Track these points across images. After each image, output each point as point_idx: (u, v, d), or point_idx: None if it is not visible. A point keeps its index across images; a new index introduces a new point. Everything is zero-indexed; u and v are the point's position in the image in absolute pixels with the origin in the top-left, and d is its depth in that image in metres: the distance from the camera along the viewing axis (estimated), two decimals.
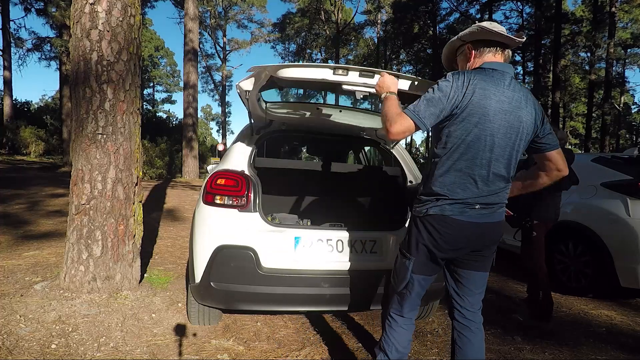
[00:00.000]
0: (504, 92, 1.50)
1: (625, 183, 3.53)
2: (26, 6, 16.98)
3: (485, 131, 1.48)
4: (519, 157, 1.59)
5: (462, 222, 1.52)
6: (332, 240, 2.32)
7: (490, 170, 1.51)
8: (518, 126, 1.52)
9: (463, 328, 1.70)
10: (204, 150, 23.45)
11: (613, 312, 3.33)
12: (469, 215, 1.53)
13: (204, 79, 37.03)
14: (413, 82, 1.97)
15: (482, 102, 1.46)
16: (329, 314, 2.92)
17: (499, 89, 1.49)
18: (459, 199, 1.51)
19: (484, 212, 1.55)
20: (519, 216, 3.07)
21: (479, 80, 1.48)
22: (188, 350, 2.25)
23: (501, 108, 1.48)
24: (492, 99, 1.47)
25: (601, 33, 20.75)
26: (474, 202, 1.52)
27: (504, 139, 1.50)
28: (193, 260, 2.29)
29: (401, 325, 1.70)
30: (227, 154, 2.74)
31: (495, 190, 1.55)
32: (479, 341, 1.68)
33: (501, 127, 1.49)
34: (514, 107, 1.51)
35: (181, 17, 24.22)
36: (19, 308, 2.49)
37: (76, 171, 2.81)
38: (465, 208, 1.52)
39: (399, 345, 1.69)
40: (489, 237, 1.61)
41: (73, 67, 2.86)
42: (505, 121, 1.49)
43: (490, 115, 1.47)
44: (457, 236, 1.55)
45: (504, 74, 1.53)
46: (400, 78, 1.92)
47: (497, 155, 1.51)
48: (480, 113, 1.47)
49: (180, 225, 5.96)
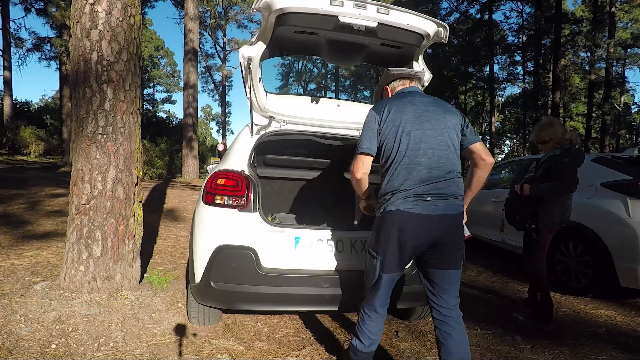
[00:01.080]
0: (417, 99, 1.86)
1: (625, 183, 3.53)
2: (26, 6, 16.99)
3: (409, 129, 1.76)
4: (455, 150, 1.81)
5: (416, 215, 1.69)
6: (332, 240, 2.32)
7: (429, 159, 1.73)
8: (439, 120, 1.80)
9: (442, 324, 1.81)
10: (204, 150, 23.47)
11: (613, 312, 3.33)
12: (422, 208, 1.69)
13: (204, 79, 37.03)
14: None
15: (399, 113, 1.79)
16: (329, 314, 2.92)
17: (411, 99, 1.86)
18: (409, 191, 1.70)
19: (438, 203, 1.70)
20: (522, 218, 3.06)
21: (393, 100, 1.88)
22: (188, 350, 2.25)
23: (418, 109, 1.81)
24: (409, 107, 1.81)
25: (601, 33, 20.73)
26: (424, 194, 1.69)
27: (432, 130, 1.77)
28: (193, 260, 2.29)
29: (373, 319, 1.86)
30: (227, 154, 2.74)
31: (440, 178, 1.71)
32: (459, 335, 1.78)
33: (425, 121, 1.78)
34: (429, 105, 1.84)
35: (181, 17, 24.22)
36: (19, 308, 2.49)
37: (76, 171, 2.81)
38: (417, 201, 1.69)
39: (370, 334, 1.87)
40: (446, 230, 1.73)
41: (73, 67, 2.86)
42: (427, 118, 1.79)
43: (410, 117, 1.78)
44: (415, 229, 1.70)
45: (413, 93, 1.93)
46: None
47: (431, 145, 1.74)
48: (400, 118, 1.78)
49: (180, 225, 5.96)
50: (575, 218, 3.73)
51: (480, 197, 5.77)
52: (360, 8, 2.19)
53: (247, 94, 2.78)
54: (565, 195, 2.89)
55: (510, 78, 29.68)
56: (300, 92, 33.98)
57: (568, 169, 2.79)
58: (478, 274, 4.43)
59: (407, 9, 2.33)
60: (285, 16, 2.25)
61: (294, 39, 2.54)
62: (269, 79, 2.97)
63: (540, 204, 2.93)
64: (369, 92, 5.87)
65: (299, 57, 31.53)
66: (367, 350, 1.88)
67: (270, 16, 2.27)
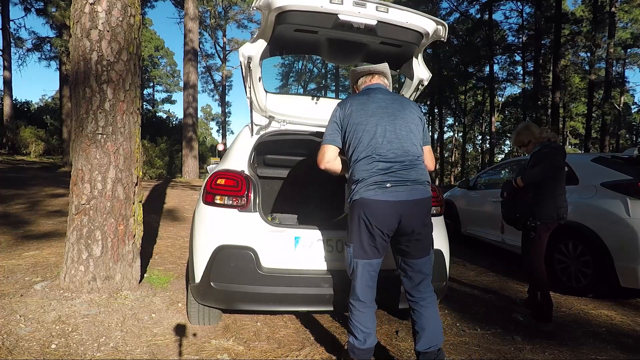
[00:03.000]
0: (378, 96, 1.99)
1: (625, 183, 3.53)
2: (26, 6, 17.02)
3: (370, 124, 1.89)
4: (414, 137, 1.93)
5: (378, 201, 1.79)
6: (332, 240, 2.32)
7: (388, 150, 1.85)
8: (397, 115, 1.93)
9: (415, 304, 1.95)
10: (204, 150, 23.47)
11: (613, 312, 3.33)
12: (383, 194, 1.80)
13: (204, 79, 37.02)
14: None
15: (361, 107, 1.94)
16: (329, 314, 2.92)
17: (372, 96, 1.99)
18: (368, 179, 1.81)
19: (398, 189, 1.81)
20: (521, 217, 3.06)
21: (356, 97, 2.02)
22: (188, 350, 2.25)
23: (379, 105, 1.94)
24: (369, 104, 1.95)
25: (601, 33, 20.73)
26: (383, 181, 1.80)
27: (390, 124, 1.90)
28: (193, 260, 2.29)
29: (359, 309, 1.91)
30: (227, 154, 2.74)
31: (399, 166, 1.83)
32: (430, 312, 1.92)
33: (384, 116, 1.91)
34: (389, 102, 1.97)
35: (181, 17, 24.22)
36: (19, 308, 2.49)
37: (76, 171, 2.80)
38: (377, 188, 1.80)
39: (362, 327, 1.89)
40: (411, 215, 1.83)
41: (73, 67, 2.86)
42: (386, 113, 1.92)
43: (370, 113, 1.92)
44: (378, 216, 1.80)
45: (375, 90, 2.05)
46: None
47: (389, 139, 1.87)
48: (361, 114, 1.92)
49: (180, 225, 5.96)
50: (575, 218, 3.73)
51: (480, 197, 5.83)
52: (359, 6, 2.19)
53: (247, 94, 2.78)
54: (557, 191, 2.92)
55: (510, 78, 29.70)
56: (300, 92, 33.96)
57: (549, 153, 2.90)
58: (478, 274, 4.42)
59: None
60: (285, 14, 2.25)
61: (294, 37, 2.55)
62: (269, 78, 2.98)
63: (535, 201, 2.95)
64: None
65: (299, 57, 31.52)
66: (365, 347, 1.89)
67: (270, 14, 2.27)
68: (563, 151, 3.02)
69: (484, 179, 6.22)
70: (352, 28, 2.30)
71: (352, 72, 2.20)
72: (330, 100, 3.10)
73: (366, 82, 2.14)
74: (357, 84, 2.19)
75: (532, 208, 2.97)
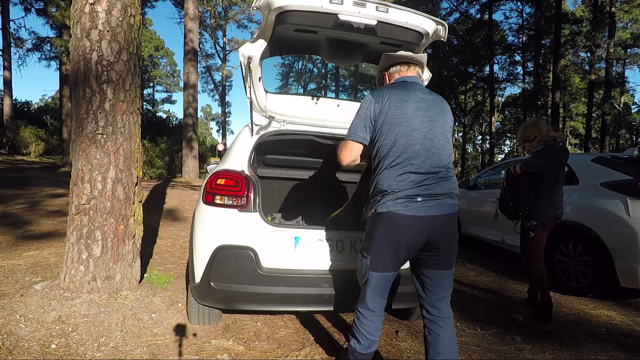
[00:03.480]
0: (418, 95, 1.78)
1: (625, 183, 3.53)
2: (26, 6, 17.02)
3: (408, 128, 1.71)
4: (449, 147, 1.78)
5: (407, 216, 1.65)
6: (332, 240, 2.32)
7: (423, 161, 1.69)
8: (437, 121, 1.76)
9: (431, 324, 1.80)
10: (204, 150, 23.46)
11: (613, 312, 3.33)
12: (413, 209, 1.65)
13: (204, 79, 37.02)
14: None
15: (399, 105, 1.73)
16: (329, 314, 2.92)
17: (412, 93, 1.77)
18: (398, 192, 1.66)
19: (428, 204, 1.66)
20: (515, 207, 3.07)
21: (394, 90, 1.78)
22: (188, 350, 2.25)
23: (419, 106, 1.74)
24: (409, 102, 1.74)
25: (601, 33, 20.72)
26: (414, 195, 1.65)
27: (429, 131, 1.72)
28: (193, 260, 2.29)
29: (367, 317, 1.81)
30: (227, 154, 2.74)
31: (434, 179, 1.68)
32: (447, 335, 1.77)
33: (424, 120, 1.73)
34: (430, 104, 1.78)
35: (181, 17, 24.22)
36: (19, 308, 2.49)
37: (76, 171, 2.80)
38: (408, 202, 1.65)
39: (368, 334, 1.80)
40: (440, 230, 1.70)
41: (73, 67, 2.86)
42: (426, 117, 1.74)
43: (410, 114, 1.72)
44: (405, 231, 1.67)
45: (413, 85, 1.83)
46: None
47: (427, 147, 1.70)
48: (400, 114, 1.72)
49: (180, 225, 5.96)
50: (575, 218, 3.74)
51: (480, 197, 5.83)
52: (359, 6, 2.19)
53: (247, 94, 2.78)
54: (556, 192, 2.93)
55: (510, 78, 29.67)
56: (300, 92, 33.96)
57: (551, 153, 2.89)
58: (478, 274, 4.43)
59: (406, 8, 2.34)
60: (285, 14, 2.25)
61: (294, 37, 2.55)
62: (269, 78, 2.98)
63: (533, 200, 2.95)
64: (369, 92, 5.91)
65: (299, 57, 31.53)
66: (366, 352, 1.83)
67: (270, 14, 2.27)
68: (566, 152, 3.02)
69: (484, 179, 6.22)
70: (352, 28, 2.30)
71: (386, 56, 1.95)
72: (330, 100, 3.10)
73: (402, 73, 1.91)
74: (390, 72, 1.96)
75: (529, 206, 2.98)
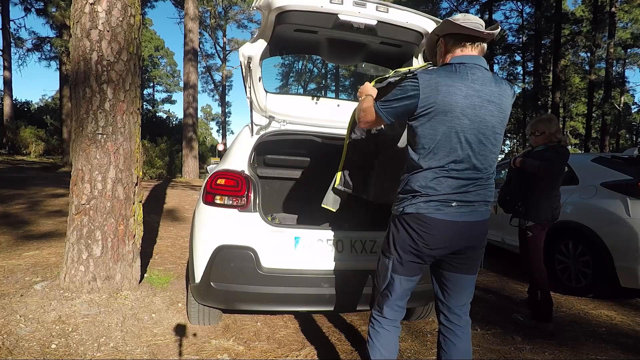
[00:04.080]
0: (472, 87, 1.47)
1: (625, 183, 3.53)
2: (26, 6, 17.00)
3: (454, 127, 1.46)
4: (497, 150, 1.56)
5: (439, 220, 1.49)
6: (332, 240, 2.32)
7: (464, 166, 1.49)
8: (490, 119, 1.50)
9: (448, 332, 1.68)
10: (204, 150, 23.44)
11: (613, 312, 3.33)
12: (446, 214, 1.49)
13: (204, 79, 37.02)
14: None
15: (448, 99, 1.44)
16: (329, 314, 2.92)
17: (466, 83, 1.46)
18: (433, 196, 1.48)
19: (462, 210, 1.50)
20: (511, 200, 3.08)
21: (444, 77, 1.47)
22: (188, 350, 2.25)
23: (470, 103, 1.46)
24: (458, 95, 1.45)
25: (601, 33, 20.72)
26: (449, 200, 1.48)
27: (476, 134, 1.48)
28: (193, 260, 2.29)
29: (384, 326, 1.65)
30: (227, 154, 2.75)
31: (473, 187, 1.50)
32: (464, 345, 1.67)
33: (472, 122, 1.47)
34: (485, 100, 1.48)
35: (181, 17, 24.22)
36: (19, 308, 2.49)
37: (76, 171, 2.80)
38: (441, 206, 1.48)
39: (383, 350, 1.62)
40: (471, 237, 1.56)
41: (73, 67, 2.86)
42: (476, 116, 1.47)
43: (457, 112, 1.45)
44: (435, 235, 1.50)
45: (473, 67, 1.50)
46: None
47: (472, 151, 1.48)
48: (447, 110, 1.45)
49: (180, 225, 5.96)
50: (575, 218, 3.74)
51: None
52: (359, 6, 2.19)
53: (247, 94, 2.78)
54: (553, 193, 2.93)
55: (510, 78, 29.68)
56: (300, 92, 34.00)
57: (550, 157, 2.89)
58: (478, 274, 4.41)
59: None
60: (285, 14, 2.25)
61: (294, 37, 2.55)
62: (269, 78, 2.98)
63: (530, 200, 2.96)
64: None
65: (299, 57, 31.55)
66: None
67: (270, 14, 2.27)
68: (566, 155, 3.01)
69: None
70: (352, 28, 2.31)
71: (447, 24, 1.56)
72: (330, 100, 3.10)
73: (462, 53, 1.55)
74: (448, 46, 1.58)
75: (525, 206, 2.98)
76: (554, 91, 18.34)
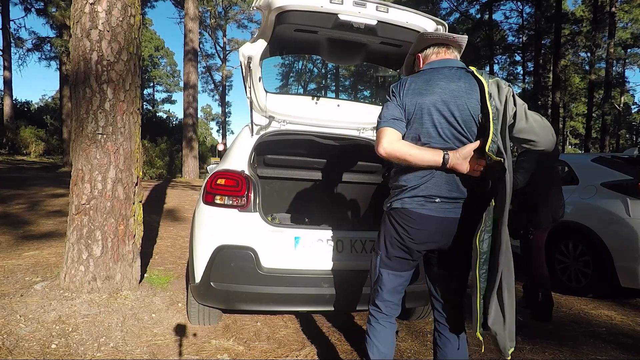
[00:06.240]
0: (441, 85, 1.54)
1: (625, 183, 3.53)
2: (26, 6, 17.00)
3: (428, 124, 1.53)
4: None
5: (422, 215, 1.53)
6: (332, 240, 2.32)
7: None
8: (462, 115, 1.53)
9: (443, 328, 1.69)
10: (204, 150, 23.44)
11: (613, 312, 3.33)
12: (430, 209, 1.53)
13: (204, 79, 36.99)
14: None
15: (419, 99, 1.54)
16: (329, 314, 2.92)
17: (437, 83, 1.55)
18: (417, 191, 1.53)
19: (446, 206, 1.54)
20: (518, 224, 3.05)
21: (414, 82, 1.59)
22: (188, 350, 2.25)
23: (441, 99, 1.52)
24: (427, 96, 1.54)
25: (601, 33, 20.71)
26: (433, 195, 1.53)
27: (451, 129, 1.53)
28: (193, 260, 2.29)
29: (380, 322, 1.69)
30: (227, 154, 2.75)
31: (455, 183, 1.53)
32: (459, 342, 1.68)
33: (446, 117, 1.52)
34: (454, 96, 1.53)
35: (181, 17, 24.21)
36: (19, 308, 2.49)
37: (76, 171, 2.80)
38: (424, 201, 1.53)
39: (380, 346, 1.66)
40: (456, 233, 1.57)
41: (73, 67, 2.86)
42: (448, 111, 1.52)
43: (431, 109, 1.53)
44: (420, 230, 1.55)
45: (442, 70, 1.59)
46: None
47: (450, 146, 1.52)
48: (420, 109, 1.54)
49: (180, 225, 5.96)
50: (575, 218, 3.74)
51: None
52: (359, 6, 2.19)
53: (247, 94, 2.78)
54: (550, 197, 2.93)
55: (510, 78, 29.67)
56: (300, 92, 33.97)
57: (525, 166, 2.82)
58: None
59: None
60: (285, 14, 2.25)
61: (294, 37, 2.55)
62: (269, 78, 2.98)
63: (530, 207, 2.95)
64: (369, 92, 5.85)
65: (299, 57, 31.55)
66: None
67: (270, 14, 2.27)
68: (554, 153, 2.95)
69: None
70: (352, 28, 2.30)
71: (420, 38, 1.73)
72: (330, 100, 3.10)
73: (440, 54, 1.67)
74: (424, 54, 1.72)
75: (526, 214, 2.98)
76: (554, 91, 18.34)
